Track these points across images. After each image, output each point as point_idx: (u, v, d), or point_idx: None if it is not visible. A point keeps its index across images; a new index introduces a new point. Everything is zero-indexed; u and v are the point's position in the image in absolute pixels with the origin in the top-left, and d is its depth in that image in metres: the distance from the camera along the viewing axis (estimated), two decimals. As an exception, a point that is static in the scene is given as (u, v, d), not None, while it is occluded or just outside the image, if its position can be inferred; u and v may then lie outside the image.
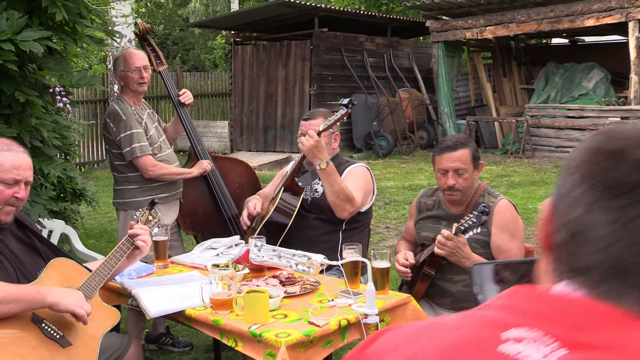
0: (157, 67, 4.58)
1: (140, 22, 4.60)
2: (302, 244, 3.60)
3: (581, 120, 13.36)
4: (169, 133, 4.60)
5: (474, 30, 14.72)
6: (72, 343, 2.65)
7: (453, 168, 3.25)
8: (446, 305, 3.39)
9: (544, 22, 13.77)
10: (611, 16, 12.90)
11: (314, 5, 14.95)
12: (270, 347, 2.54)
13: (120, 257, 2.89)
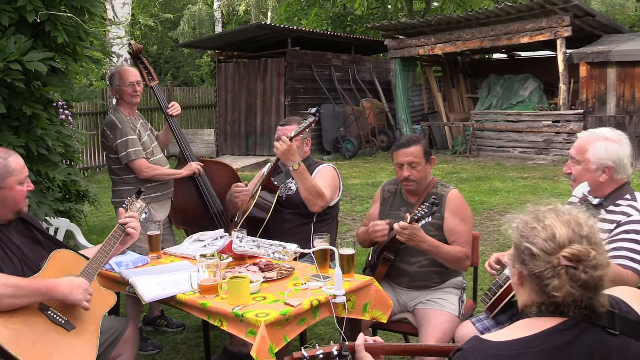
0: (149, 82, 4.58)
1: (134, 43, 4.58)
2: (278, 235, 3.61)
3: (519, 123, 13.48)
4: (160, 140, 4.58)
5: (426, 47, 14.79)
6: (75, 326, 2.62)
7: (407, 162, 3.31)
8: (404, 284, 3.40)
9: (485, 39, 13.88)
10: (542, 34, 13.03)
11: (287, 27, 14.95)
12: (251, 326, 2.53)
13: (113, 244, 2.87)
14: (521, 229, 1.62)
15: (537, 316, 1.57)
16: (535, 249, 1.56)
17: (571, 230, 1.57)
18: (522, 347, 1.51)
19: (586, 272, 1.53)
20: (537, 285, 1.56)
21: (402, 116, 15.24)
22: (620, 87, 12.09)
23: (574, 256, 1.53)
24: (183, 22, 27.16)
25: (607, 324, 1.54)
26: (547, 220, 1.59)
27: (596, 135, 2.77)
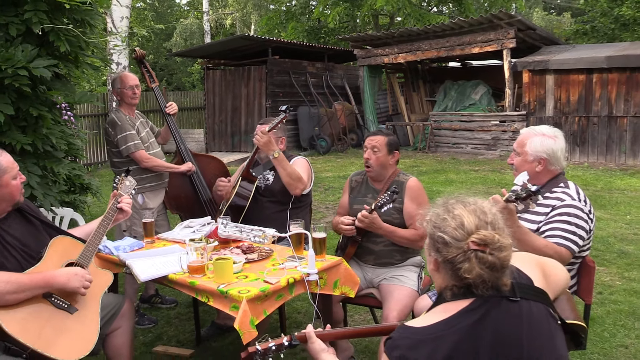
0: (150, 84, 4.61)
1: (138, 49, 4.63)
2: (258, 221, 3.61)
3: (471, 123, 13.58)
4: (162, 136, 4.60)
5: (390, 56, 14.81)
6: (78, 309, 2.59)
7: (370, 146, 3.37)
8: (370, 262, 3.41)
9: (442, 50, 13.93)
10: (490, 45, 13.12)
11: (268, 38, 14.84)
12: (235, 301, 2.52)
13: (107, 225, 2.82)
14: (434, 220, 1.62)
15: (451, 300, 1.58)
16: (447, 237, 1.56)
17: (477, 218, 1.58)
18: (440, 329, 1.52)
19: (492, 254, 1.54)
20: (451, 269, 1.57)
21: (369, 117, 15.26)
22: (557, 92, 12.22)
23: (481, 241, 1.54)
24: (176, 34, 26.88)
25: (510, 294, 1.56)
26: (455, 211, 1.60)
27: (535, 132, 2.81)
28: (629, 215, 7.27)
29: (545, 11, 27.69)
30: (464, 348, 1.48)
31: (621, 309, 4.26)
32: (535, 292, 1.61)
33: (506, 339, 1.51)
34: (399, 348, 1.51)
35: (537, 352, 1.53)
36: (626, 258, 5.47)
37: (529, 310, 1.57)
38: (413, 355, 1.48)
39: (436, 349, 1.48)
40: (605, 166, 11.31)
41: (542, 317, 1.58)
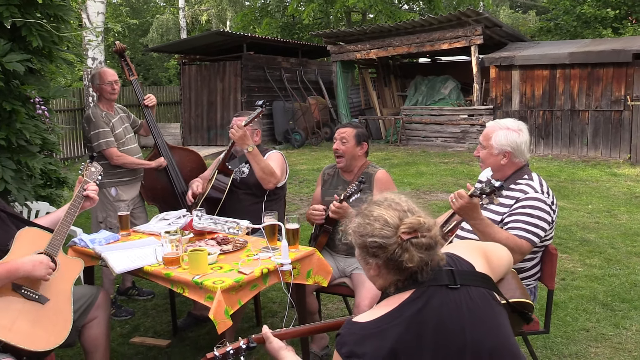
0: (129, 76, 4.58)
1: (118, 42, 4.61)
2: (234, 213, 3.59)
3: (440, 117, 13.67)
4: (145, 127, 4.56)
5: (362, 52, 14.81)
6: (49, 298, 2.53)
7: (340, 137, 3.39)
8: (343, 252, 3.41)
9: (412, 46, 13.98)
10: (459, 42, 13.20)
11: (243, 34, 14.72)
12: (209, 292, 2.50)
13: (74, 213, 2.76)
14: (358, 231, 1.62)
15: (394, 294, 1.58)
16: (378, 239, 1.56)
17: (395, 210, 1.60)
18: (385, 322, 1.52)
19: (424, 236, 1.56)
20: (395, 266, 1.57)
21: (342, 111, 15.25)
22: (522, 87, 12.36)
23: (410, 228, 1.56)
24: (152, 30, 26.47)
25: (449, 281, 1.57)
26: (374, 213, 1.61)
27: (499, 125, 2.82)
28: (590, 204, 7.40)
29: (512, 9, 27.97)
30: (408, 339, 1.48)
31: (583, 294, 4.34)
32: (476, 278, 1.62)
33: (448, 327, 1.52)
34: (347, 344, 1.52)
35: (479, 338, 1.53)
36: (587, 246, 5.57)
37: (470, 296, 1.57)
38: (360, 350, 1.49)
39: (381, 342, 1.48)
40: (568, 158, 11.50)
41: (484, 302, 1.59)
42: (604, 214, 6.84)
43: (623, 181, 9.08)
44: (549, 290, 2.82)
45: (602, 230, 6.10)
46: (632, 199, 7.69)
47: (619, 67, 11.15)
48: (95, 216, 4.27)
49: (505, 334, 1.61)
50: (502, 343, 1.57)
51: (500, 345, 1.57)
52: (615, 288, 4.46)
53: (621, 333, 3.70)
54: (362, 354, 1.48)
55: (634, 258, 5.17)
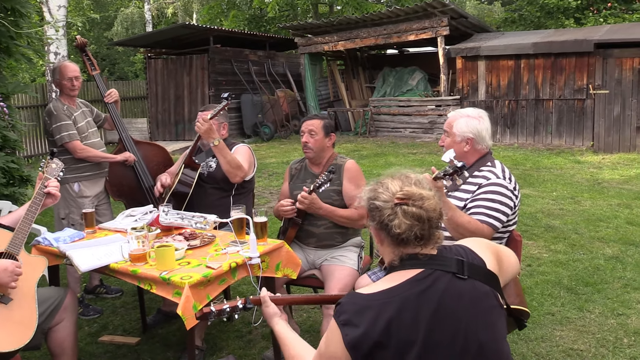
0: (91, 71, 4.48)
1: (79, 37, 4.48)
2: (201, 208, 3.56)
3: (408, 108, 13.75)
4: (108, 122, 4.47)
5: (330, 44, 14.80)
6: (12, 298, 2.48)
7: (308, 130, 3.36)
8: (312, 244, 3.41)
9: (379, 37, 14.02)
10: (425, 33, 13.29)
11: (209, 27, 14.56)
12: (177, 288, 2.48)
13: (35, 211, 2.70)
14: (368, 196, 1.70)
15: (400, 268, 1.62)
16: (377, 202, 1.65)
17: (401, 181, 1.68)
18: (386, 296, 1.55)
19: (415, 206, 1.62)
20: (385, 232, 1.63)
21: (311, 103, 15.23)
22: (488, 77, 12.52)
23: (404, 195, 1.63)
24: (117, 24, 26.00)
25: (457, 270, 1.60)
26: (383, 181, 1.70)
27: (460, 114, 2.88)
28: (555, 192, 7.55)
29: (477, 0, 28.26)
30: (406, 316, 1.51)
31: (548, 279, 4.43)
32: (485, 274, 1.65)
33: (447, 312, 1.54)
34: (346, 313, 1.55)
35: (473, 329, 1.56)
36: (552, 232, 5.69)
37: (475, 289, 1.60)
38: (357, 319, 1.53)
39: (380, 314, 1.52)
40: (533, 146, 11.70)
41: (486, 299, 1.61)
42: (568, 201, 6.98)
43: (586, 168, 9.29)
44: (514, 276, 2.86)
45: (567, 217, 6.23)
46: (595, 186, 7.87)
47: (581, 57, 11.38)
48: (57, 213, 4.18)
49: (499, 334, 1.64)
50: (492, 341, 1.60)
51: (491, 343, 1.59)
52: (579, 272, 4.56)
53: (585, 316, 3.79)
54: (358, 324, 1.52)
55: (597, 243, 5.30)
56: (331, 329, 1.59)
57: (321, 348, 1.64)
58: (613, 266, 4.67)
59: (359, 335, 1.52)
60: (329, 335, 1.60)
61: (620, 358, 3.25)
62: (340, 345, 1.54)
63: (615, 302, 3.97)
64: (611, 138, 10.88)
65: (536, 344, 3.45)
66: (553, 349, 3.38)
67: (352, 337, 1.52)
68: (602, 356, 3.27)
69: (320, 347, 1.64)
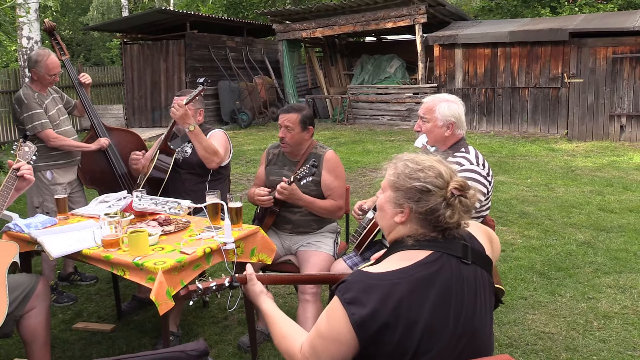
0: (61, 56, 4.38)
1: (47, 20, 4.40)
2: (177, 194, 3.53)
3: (386, 95, 13.76)
4: (78, 108, 4.38)
5: (308, 31, 14.72)
6: None
7: (284, 125, 3.30)
8: (288, 231, 3.40)
9: (357, 24, 13.98)
10: (403, 20, 13.29)
11: (185, 12, 14.37)
12: (150, 273, 2.46)
13: (8, 193, 2.64)
14: (407, 173, 1.62)
15: (412, 248, 1.60)
16: (430, 186, 1.58)
17: (446, 167, 1.65)
18: (396, 277, 1.53)
19: (467, 197, 1.61)
20: (432, 219, 1.59)
21: (289, 91, 15.17)
22: (465, 65, 12.58)
23: (460, 187, 1.60)
24: (92, 8, 25.54)
25: (462, 255, 1.60)
26: (426, 163, 1.64)
27: (440, 99, 2.88)
28: (529, 179, 7.65)
29: (455, -12, 28.29)
30: (414, 297, 1.51)
31: (521, 265, 4.50)
32: (485, 260, 1.66)
33: (453, 296, 1.55)
34: (352, 290, 1.52)
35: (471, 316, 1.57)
36: (526, 218, 5.76)
37: (477, 275, 1.61)
38: (365, 298, 1.49)
39: (389, 294, 1.49)
40: (509, 134, 11.82)
41: (485, 286, 1.63)
42: (542, 188, 7.08)
43: (560, 156, 9.42)
44: (487, 260, 2.89)
45: (541, 203, 6.32)
46: (569, 173, 7.99)
47: (556, 46, 11.50)
48: (30, 201, 4.11)
49: (489, 322, 1.65)
50: (484, 328, 1.61)
51: (482, 330, 1.60)
52: (551, 258, 4.64)
53: (556, 300, 3.86)
54: (367, 302, 1.49)
55: (569, 229, 5.39)
56: (333, 308, 1.54)
57: (321, 328, 1.57)
58: (585, 251, 4.76)
59: (367, 314, 1.48)
60: (331, 314, 1.55)
61: (590, 340, 3.31)
62: (345, 324, 1.50)
63: (586, 287, 4.05)
64: (585, 126, 11.04)
65: (509, 327, 3.50)
66: (525, 332, 3.44)
67: (360, 316, 1.48)
68: (573, 339, 3.33)
69: (319, 328, 1.58)
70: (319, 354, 1.56)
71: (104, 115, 13.91)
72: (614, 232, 5.22)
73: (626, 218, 5.67)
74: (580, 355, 3.16)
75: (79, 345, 3.44)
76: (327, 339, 1.54)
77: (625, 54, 10.61)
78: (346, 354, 1.53)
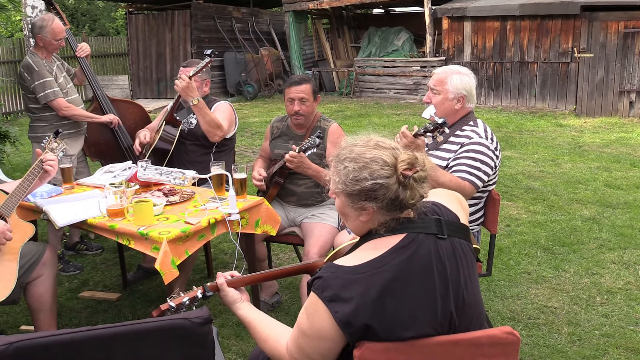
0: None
1: None
2: (182, 165, 3.54)
3: (393, 69, 13.65)
4: (78, 77, 4.37)
5: (315, 2, 14.54)
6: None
7: (298, 98, 3.27)
8: (292, 202, 3.42)
9: (365, -4, 13.81)
10: (413, -8, 13.11)
11: (191, -18, 14.23)
12: (155, 243, 2.48)
13: (32, 180, 2.68)
14: (353, 177, 1.54)
15: (385, 235, 1.55)
16: (381, 180, 1.51)
17: (385, 149, 1.56)
18: (374, 267, 1.49)
19: (422, 170, 1.55)
20: (394, 205, 1.53)
21: (295, 63, 15.06)
22: (474, 38, 12.43)
23: (409, 164, 1.53)
24: (97, -23, 25.23)
25: (437, 231, 1.56)
26: (367, 155, 1.55)
27: (451, 70, 2.83)
28: (536, 154, 7.61)
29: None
30: (395, 285, 1.47)
31: (526, 239, 4.50)
32: (460, 229, 1.62)
33: (434, 274, 1.52)
34: (331, 288, 1.47)
35: (457, 289, 1.55)
36: (532, 193, 5.75)
37: (455, 248, 1.58)
38: (346, 294, 1.45)
39: (369, 286, 1.45)
40: (517, 109, 11.73)
41: (465, 256, 1.60)
42: (548, 163, 7.05)
43: (568, 131, 9.35)
44: (491, 234, 2.90)
45: (547, 179, 6.30)
46: (576, 149, 7.94)
47: (567, 19, 11.32)
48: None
49: (477, 288, 1.63)
50: (472, 295, 1.60)
51: (471, 298, 1.59)
52: (556, 233, 4.64)
53: (560, 275, 3.87)
54: (349, 298, 1.45)
55: (575, 204, 5.38)
56: (313, 306, 1.50)
57: (302, 327, 1.53)
58: (590, 227, 4.75)
59: (351, 312, 1.44)
60: (312, 313, 1.50)
61: (593, 315, 3.33)
62: (329, 322, 1.47)
63: (590, 262, 4.06)
64: (594, 102, 10.93)
65: (511, 301, 3.52)
66: (528, 306, 3.46)
67: (344, 314, 1.45)
68: (575, 313, 3.35)
69: (300, 327, 1.53)
70: (307, 352, 1.53)
71: (108, 86, 13.87)
72: (620, 209, 5.21)
73: (632, 195, 5.65)
74: (582, 329, 3.18)
75: (85, 314, 3.49)
76: (312, 337, 1.51)
77: (637, 28, 10.44)
78: (335, 348, 1.51)
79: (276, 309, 3.46)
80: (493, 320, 3.28)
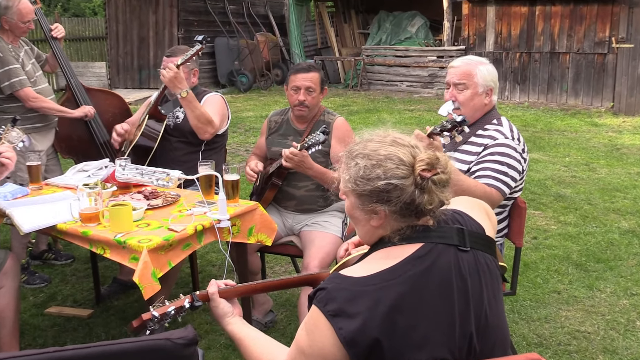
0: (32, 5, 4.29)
1: None
2: (167, 164, 3.52)
3: (406, 59, 13.66)
4: (50, 63, 4.38)
5: (319, -18, 14.59)
6: None
7: (305, 87, 3.27)
8: (291, 208, 3.41)
9: (376, -25, 13.83)
10: (429, -29, 13.14)
11: (179, -43, 14.26)
12: (134, 252, 2.47)
13: None
14: (365, 174, 1.53)
15: (399, 243, 1.53)
16: (395, 180, 1.50)
17: (403, 146, 1.55)
18: (385, 279, 1.47)
19: (444, 172, 1.53)
20: (409, 210, 1.51)
21: (296, 50, 15.09)
22: (498, 25, 12.43)
23: (428, 165, 1.51)
24: (71, -50, 25.37)
25: (459, 242, 1.55)
26: (381, 152, 1.54)
27: (474, 61, 2.82)
28: (567, 157, 7.60)
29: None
30: (410, 300, 1.45)
31: (555, 254, 4.49)
32: (485, 242, 1.61)
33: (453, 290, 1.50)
34: (335, 301, 1.45)
35: (480, 308, 1.54)
36: (563, 202, 5.74)
37: (478, 262, 1.56)
38: (352, 308, 1.43)
39: (379, 300, 1.43)
40: (546, 106, 11.73)
41: (489, 271, 1.58)
42: (582, 168, 7.04)
43: (604, 132, 9.35)
44: (516, 247, 2.88)
45: (579, 185, 6.29)
46: (613, 152, 7.93)
47: (604, 5, 11.32)
48: (1, 169, 4.12)
49: (501, 309, 1.62)
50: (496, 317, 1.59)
51: (494, 319, 1.57)
52: (590, 247, 4.62)
53: (594, 295, 3.85)
54: (355, 314, 1.42)
55: (612, 215, 5.36)
56: (314, 321, 1.48)
57: (301, 345, 1.51)
58: (629, 241, 4.74)
59: (357, 329, 1.42)
60: (312, 328, 1.48)
61: (632, 342, 3.31)
62: (332, 340, 1.44)
63: (629, 281, 4.04)
64: (634, 99, 10.92)
65: (539, 324, 3.50)
66: (557, 330, 3.44)
67: (349, 331, 1.42)
68: (612, 339, 3.33)
69: (299, 345, 1.52)
70: None
71: (84, 73, 13.89)
72: (663, 220, 5.20)
73: (677, 204, 5.64)
74: (620, 357, 3.16)
75: (51, 332, 3.47)
76: (311, 357, 1.49)
77: (683, 16, 10.45)
78: None
79: (270, 329, 3.45)
80: (518, 345, 3.26)
